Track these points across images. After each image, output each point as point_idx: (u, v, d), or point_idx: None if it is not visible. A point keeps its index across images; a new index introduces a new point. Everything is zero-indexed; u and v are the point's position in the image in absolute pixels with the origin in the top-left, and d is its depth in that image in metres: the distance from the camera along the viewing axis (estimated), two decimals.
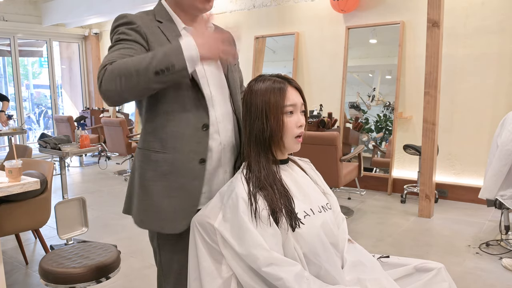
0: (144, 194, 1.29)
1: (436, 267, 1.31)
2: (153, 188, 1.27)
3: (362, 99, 5.01)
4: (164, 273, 1.38)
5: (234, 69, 1.45)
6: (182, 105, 1.26)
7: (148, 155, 1.29)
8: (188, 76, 1.16)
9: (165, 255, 1.35)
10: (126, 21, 1.24)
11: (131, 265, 2.93)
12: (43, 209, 2.80)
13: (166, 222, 1.27)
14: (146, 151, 1.30)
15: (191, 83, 1.26)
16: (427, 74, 3.77)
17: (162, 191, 1.27)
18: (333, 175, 3.56)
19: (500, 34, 4.06)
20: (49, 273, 1.78)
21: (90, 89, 8.38)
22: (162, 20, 1.29)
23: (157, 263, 1.39)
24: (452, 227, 3.60)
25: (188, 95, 1.27)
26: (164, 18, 1.30)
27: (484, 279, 2.64)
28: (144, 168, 1.29)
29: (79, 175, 6.24)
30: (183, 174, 1.27)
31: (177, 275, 1.35)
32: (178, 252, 1.33)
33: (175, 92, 1.25)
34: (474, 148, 4.27)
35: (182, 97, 1.26)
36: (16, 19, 7.25)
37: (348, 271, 1.26)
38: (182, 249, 1.32)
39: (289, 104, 1.24)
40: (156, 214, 1.27)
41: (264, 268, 1.10)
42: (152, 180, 1.27)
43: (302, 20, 5.39)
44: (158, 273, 1.40)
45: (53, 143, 3.41)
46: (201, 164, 1.28)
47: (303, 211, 1.22)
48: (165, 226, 1.28)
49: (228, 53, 1.17)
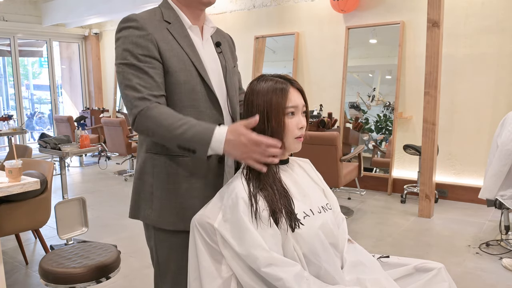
0: (168, 197, 1.29)
1: (436, 267, 1.30)
2: (178, 190, 1.28)
3: (362, 99, 5.01)
4: (161, 273, 1.37)
5: (233, 72, 1.44)
6: (198, 109, 1.27)
7: (164, 160, 1.28)
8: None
9: (162, 255, 1.35)
10: (136, 26, 1.22)
11: (131, 265, 2.93)
12: (43, 209, 2.80)
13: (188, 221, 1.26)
14: (162, 156, 1.29)
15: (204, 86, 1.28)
16: (427, 74, 3.77)
17: (187, 192, 1.29)
18: (333, 175, 3.56)
19: (500, 34, 4.06)
20: (49, 273, 1.78)
21: (90, 89, 8.38)
22: (170, 21, 1.28)
23: (154, 263, 1.39)
24: (452, 227, 3.60)
25: (202, 99, 1.28)
26: (172, 18, 1.29)
27: (484, 279, 2.64)
28: (163, 172, 1.29)
29: (79, 175, 6.24)
30: (205, 174, 1.30)
31: (174, 274, 1.35)
32: (175, 252, 1.33)
33: (189, 96, 1.26)
34: (474, 148, 4.27)
35: (197, 102, 1.27)
36: (16, 19, 7.25)
37: (348, 271, 1.26)
38: (178, 248, 1.32)
39: (291, 105, 1.24)
40: (183, 213, 1.28)
41: (264, 268, 1.10)
42: (177, 182, 1.28)
43: (302, 20, 5.39)
44: (155, 273, 1.40)
45: (53, 143, 3.41)
46: (220, 162, 1.32)
47: (303, 212, 1.22)
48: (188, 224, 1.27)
49: (255, 163, 1.16)
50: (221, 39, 1.44)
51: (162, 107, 1.20)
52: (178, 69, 1.24)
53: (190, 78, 1.26)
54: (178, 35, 1.27)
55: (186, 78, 1.25)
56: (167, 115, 1.17)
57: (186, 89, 1.26)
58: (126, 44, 1.21)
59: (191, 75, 1.26)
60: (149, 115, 1.17)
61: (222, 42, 1.42)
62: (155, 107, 1.18)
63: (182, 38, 1.27)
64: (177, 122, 1.16)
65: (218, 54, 1.38)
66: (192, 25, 1.31)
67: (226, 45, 1.46)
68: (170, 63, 1.23)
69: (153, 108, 1.18)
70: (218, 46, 1.39)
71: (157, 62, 1.22)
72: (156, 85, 1.21)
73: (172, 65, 1.24)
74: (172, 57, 1.24)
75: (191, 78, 1.26)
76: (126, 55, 1.21)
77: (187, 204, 1.29)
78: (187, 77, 1.25)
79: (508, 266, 2.76)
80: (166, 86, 1.25)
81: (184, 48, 1.26)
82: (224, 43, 1.44)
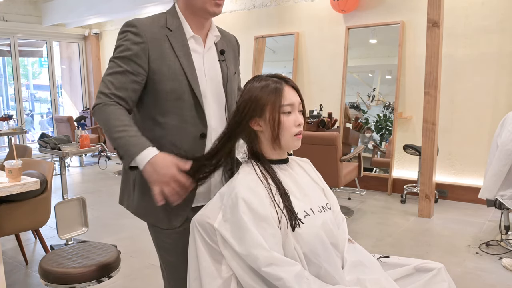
0: (142, 194, 1.36)
1: (436, 267, 1.31)
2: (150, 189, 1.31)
3: (362, 99, 5.01)
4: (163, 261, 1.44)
5: (233, 79, 1.47)
6: (182, 117, 1.32)
7: None
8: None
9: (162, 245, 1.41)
10: (134, 31, 1.29)
11: (131, 265, 2.93)
12: (43, 209, 2.80)
13: (162, 219, 1.35)
14: None
15: (192, 96, 1.32)
16: (427, 74, 3.77)
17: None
18: (333, 175, 3.56)
19: (500, 34, 4.06)
20: (49, 273, 1.78)
21: (90, 89, 8.38)
22: (172, 28, 1.32)
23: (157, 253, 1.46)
24: (452, 227, 3.60)
25: (188, 107, 1.32)
26: (174, 26, 1.33)
27: (484, 279, 2.64)
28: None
29: (79, 175, 6.24)
30: None
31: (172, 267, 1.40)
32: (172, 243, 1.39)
33: (174, 104, 1.31)
34: (474, 148, 4.27)
35: (181, 110, 1.32)
36: (16, 19, 7.25)
37: (348, 271, 1.26)
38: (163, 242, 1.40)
39: (287, 103, 1.24)
40: (154, 211, 1.34)
41: (264, 268, 1.10)
42: None
43: (302, 20, 5.39)
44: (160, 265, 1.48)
45: (53, 143, 3.41)
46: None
47: (303, 211, 1.22)
48: (161, 222, 1.36)
49: (158, 193, 1.21)
50: (227, 44, 1.47)
51: (116, 108, 1.25)
52: (167, 78, 1.29)
53: (178, 86, 1.30)
54: (177, 44, 1.31)
55: (174, 86, 1.30)
56: (116, 117, 1.24)
57: (172, 97, 1.30)
58: (119, 46, 1.29)
59: (180, 84, 1.30)
60: (103, 110, 1.25)
61: (227, 48, 1.45)
62: (111, 105, 1.25)
63: (180, 47, 1.32)
64: (120, 127, 1.23)
65: (221, 62, 1.41)
66: (194, 35, 1.35)
67: (231, 50, 1.49)
68: (159, 72, 1.29)
69: (109, 105, 1.25)
70: (222, 54, 1.42)
71: (140, 69, 1.28)
72: (124, 88, 1.27)
73: (161, 73, 1.29)
74: (163, 65, 1.29)
75: (179, 86, 1.30)
76: (116, 54, 1.29)
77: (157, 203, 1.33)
78: (175, 86, 1.30)
79: (508, 266, 2.76)
80: (152, 92, 1.31)
81: (179, 57, 1.31)
82: (228, 48, 1.47)
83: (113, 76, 1.27)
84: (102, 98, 1.26)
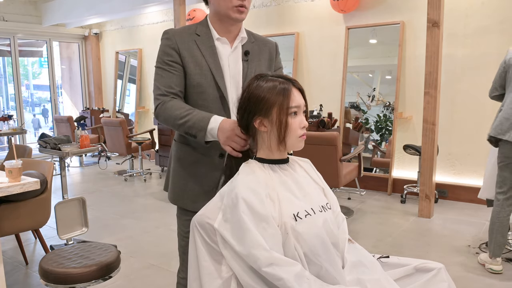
0: (174, 177, 1.59)
1: (436, 267, 1.30)
2: (182, 173, 1.57)
3: (362, 99, 5.01)
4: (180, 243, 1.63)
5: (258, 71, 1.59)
6: (208, 109, 1.48)
7: (179, 147, 1.59)
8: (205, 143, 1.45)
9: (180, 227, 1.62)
10: (167, 37, 1.52)
11: (131, 265, 2.93)
12: (43, 209, 2.80)
13: (188, 201, 1.56)
14: (178, 144, 1.60)
15: (216, 89, 1.50)
16: (427, 74, 3.77)
17: (189, 177, 1.56)
18: (333, 175, 3.56)
19: (500, 34, 4.06)
20: (49, 273, 1.78)
21: (90, 89, 8.38)
22: (200, 34, 1.53)
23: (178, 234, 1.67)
24: (452, 227, 3.60)
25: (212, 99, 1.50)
26: (203, 32, 1.54)
27: (483, 279, 2.64)
28: (176, 157, 1.59)
29: (79, 175, 6.24)
30: (205, 165, 1.53)
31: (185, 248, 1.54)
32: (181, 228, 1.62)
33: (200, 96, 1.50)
34: (474, 148, 4.27)
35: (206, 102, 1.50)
36: (16, 19, 7.25)
37: (349, 272, 1.26)
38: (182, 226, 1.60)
39: (294, 105, 1.24)
40: (182, 194, 1.57)
41: (265, 268, 1.10)
42: (182, 167, 1.57)
43: (302, 20, 5.39)
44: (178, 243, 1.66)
45: (53, 143, 3.41)
46: (221, 158, 1.52)
47: (304, 211, 1.22)
48: (188, 204, 1.56)
49: (232, 150, 1.37)
50: (261, 48, 1.63)
51: (175, 101, 1.47)
52: (194, 73, 1.49)
53: (204, 81, 1.49)
54: (203, 46, 1.52)
55: (200, 80, 1.49)
56: (177, 107, 1.44)
57: (198, 90, 1.50)
58: (159, 52, 1.53)
59: (206, 79, 1.49)
60: (165, 107, 1.45)
61: (258, 51, 1.61)
62: (170, 101, 1.46)
63: (206, 48, 1.52)
64: (183, 113, 1.42)
65: (244, 61, 1.57)
66: (220, 37, 1.53)
67: (266, 53, 1.64)
68: (188, 67, 1.50)
69: (168, 101, 1.46)
70: (246, 55, 1.58)
71: (178, 66, 1.50)
72: (174, 83, 1.48)
73: (189, 69, 1.49)
74: (191, 62, 1.49)
75: (205, 81, 1.49)
76: (158, 60, 1.53)
77: (187, 186, 1.56)
78: (201, 80, 1.49)
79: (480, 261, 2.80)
80: (185, 86, 1.52)
81: (205, 56, 1.50)
82: (262, 51, 1.63)
83: (160, 78, 1.49)
84: (160, 99, 1.47)
